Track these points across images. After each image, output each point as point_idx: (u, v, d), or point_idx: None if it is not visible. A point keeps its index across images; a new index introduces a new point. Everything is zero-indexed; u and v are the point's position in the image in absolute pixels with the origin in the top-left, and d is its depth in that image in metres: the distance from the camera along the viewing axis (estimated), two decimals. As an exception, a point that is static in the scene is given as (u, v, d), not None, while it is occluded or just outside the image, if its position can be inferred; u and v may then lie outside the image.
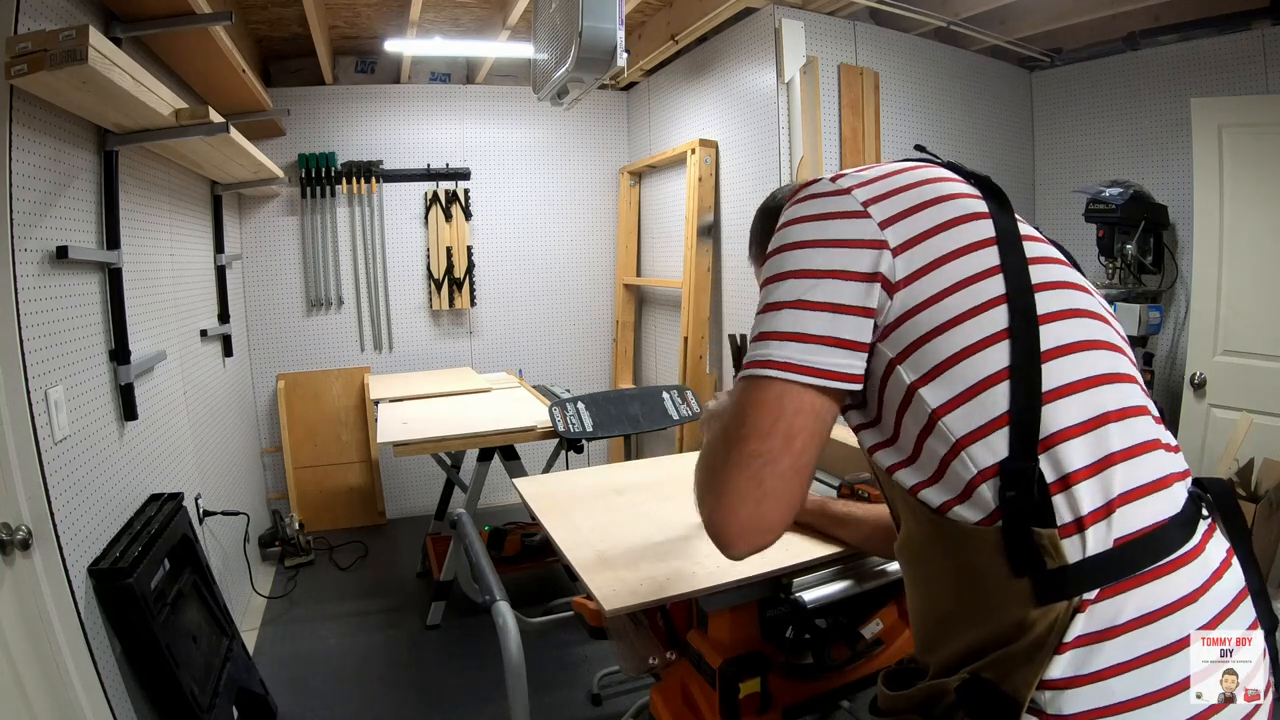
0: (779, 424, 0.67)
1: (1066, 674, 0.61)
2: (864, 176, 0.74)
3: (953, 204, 0.71)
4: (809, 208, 0.72)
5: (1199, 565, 0.64)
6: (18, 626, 1.32)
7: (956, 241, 0.69)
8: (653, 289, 3.98)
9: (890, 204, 0.70)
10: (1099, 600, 0.61)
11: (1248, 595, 0.68)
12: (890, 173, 0.74)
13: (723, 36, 3.07)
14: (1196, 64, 2.76)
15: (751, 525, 0.68)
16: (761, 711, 1.10)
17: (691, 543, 1.26)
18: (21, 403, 1.34)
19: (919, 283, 0.67)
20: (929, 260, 0.68)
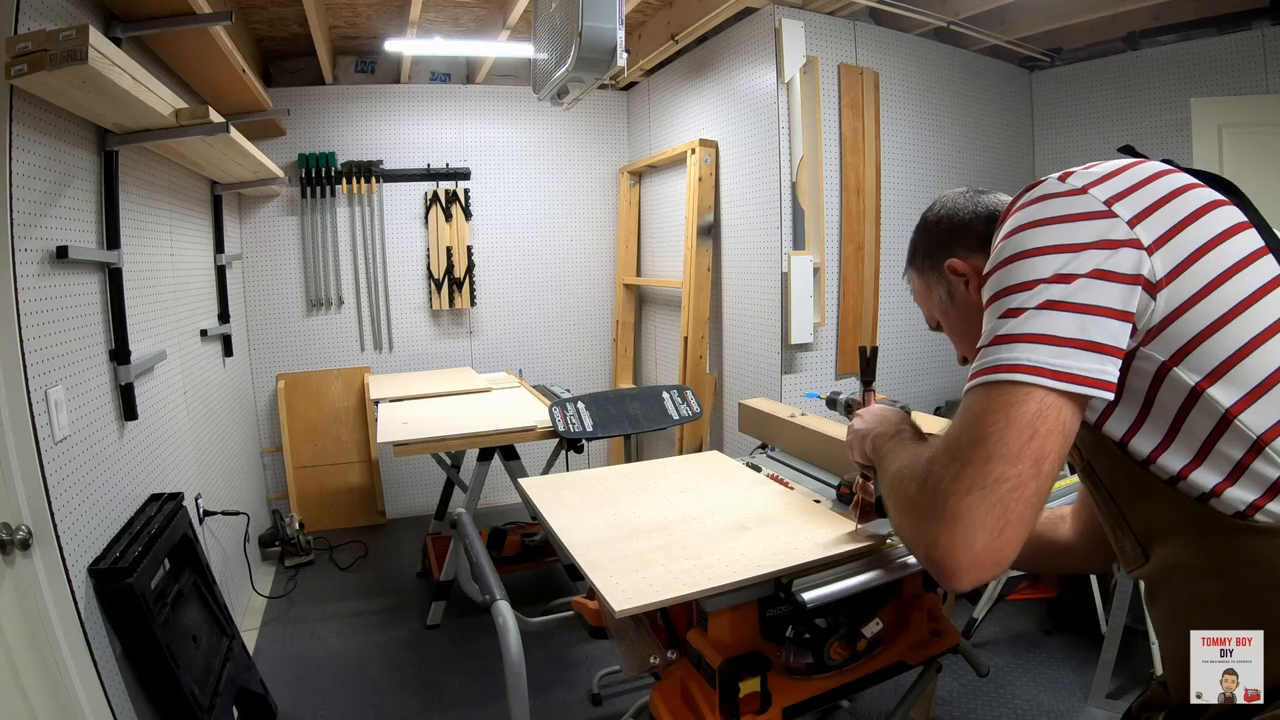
0: (1031, 445, 0.61)
1: None
2: (1095, 174, 0.69)
3: (1195, 193, 0.68)
4: (1046, 209, 0.67)
5: None
6: (18, 626, 1.32)
7: (1209, 231, 0.65)
8: (653, 289, 3.98)
9: (1133, 200, 0.66)
10: None
11: None
12: (1122, 169, 0.70)
13: (723, 36, 3.07)
14: (1196, 64, 2.76)
15: (986, 557, 0.62)
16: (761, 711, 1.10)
17: (695, 543, 1.26)
18: (21, 403, 1.34)
19: (1182, 278, 0.63)
20: (1188, 254, 0.64)
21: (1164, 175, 0.69)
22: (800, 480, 1.62)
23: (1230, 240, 0.65)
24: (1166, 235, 0.64)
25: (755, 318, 2.99)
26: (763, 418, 1.96)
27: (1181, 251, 0.64)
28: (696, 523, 1.36)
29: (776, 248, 2.79)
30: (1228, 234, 0.65)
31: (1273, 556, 0.62)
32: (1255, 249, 0.65)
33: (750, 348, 3.06)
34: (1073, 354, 0.62)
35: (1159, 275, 0.63)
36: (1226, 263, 0.64)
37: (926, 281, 0.97)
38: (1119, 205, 0.65)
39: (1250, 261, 0.64)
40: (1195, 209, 0.66)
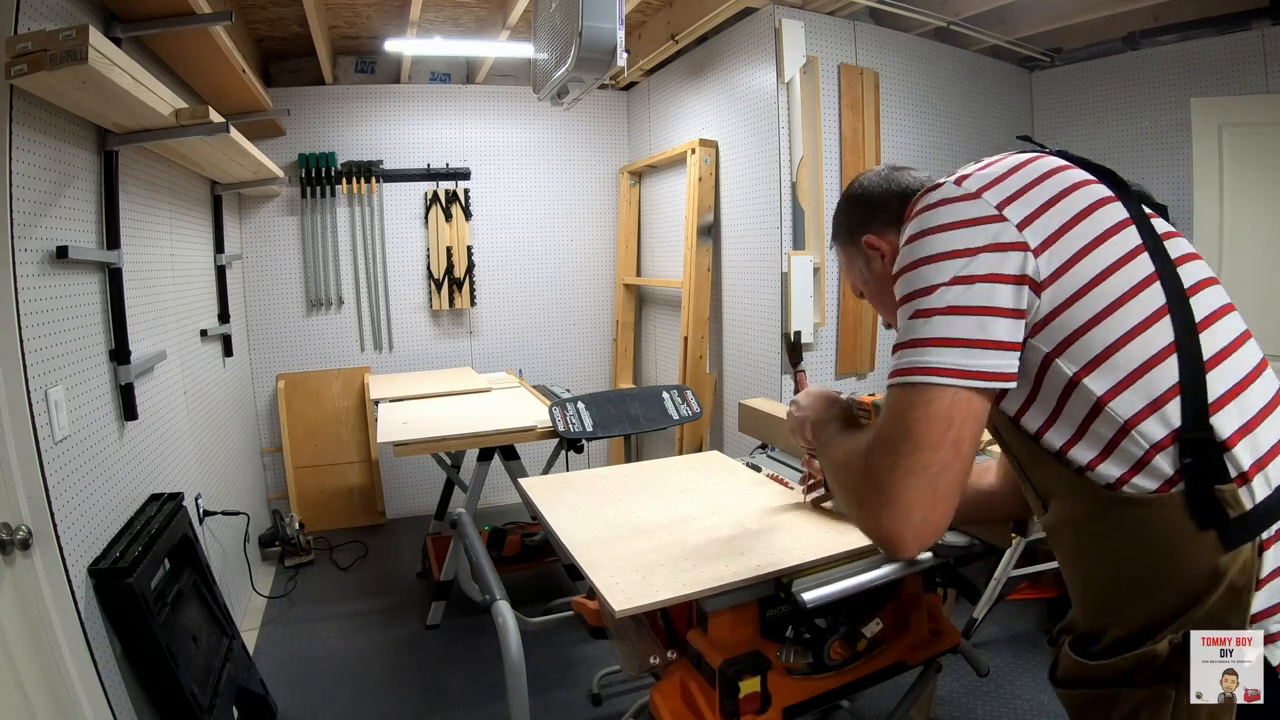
0: (949, 433, 0.70)
1: (1268, 604, 0.67)
2: (989, 176, 0.76)
3: (1082, 191, 0.73)
4: (943, 215, 0.74)
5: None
6: (18, 626, 1.32)
7: (1092, 231, 0.71)
8: (653, 289, 3.98)
9: (1022, 203, 0.72)
10: (1279, 537, 0.67)
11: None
12: (1013, 169, 0.76)
13: (723, 36, 3.07)
14: (1196, 64, 2.76)
15: (924, 528, 0.72)
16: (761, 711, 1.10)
17: (695, 543, 1.26)
18: (21, 403, 1.34)
19: (1064, 279, 0.70)
20: (1072, 253, 0.70)
21: (1055, 174, 0.75)
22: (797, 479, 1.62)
23: (1110, 240, 0.71)
24: (1051, 238, 0.71)
25: (755, 318, 2.99)
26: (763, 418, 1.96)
27: (1064, 253, 0.70)
28: (696, 523, 1.36)
29: (776, 248, 2.79)
30: (1108, 234, 0.71)
31: (1136, 522, 0.71)
32: (1132, 248, 0.71)
33: (750, 348, 3.06)
34: (976, 353, 0.70)
35: (1043, 275, 0.70)
36: (1104, 263, 0.70)
37: (848, 255, 1.07)
38: (1009, 209, 0.72)
39: (1126, 261, 0.71)
40: (1080, 210, 0.72)
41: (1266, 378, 0.73)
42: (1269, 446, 0.69)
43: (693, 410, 2.58)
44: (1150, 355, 0.69)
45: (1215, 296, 0.74)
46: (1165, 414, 0.68)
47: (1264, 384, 0.72)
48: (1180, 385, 0.68)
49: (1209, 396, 0.68)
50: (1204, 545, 0.67)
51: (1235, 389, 0.70)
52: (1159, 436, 0.69)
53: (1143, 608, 0.72)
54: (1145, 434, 0.69)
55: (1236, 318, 0.75)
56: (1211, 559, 0.67)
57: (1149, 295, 0.70)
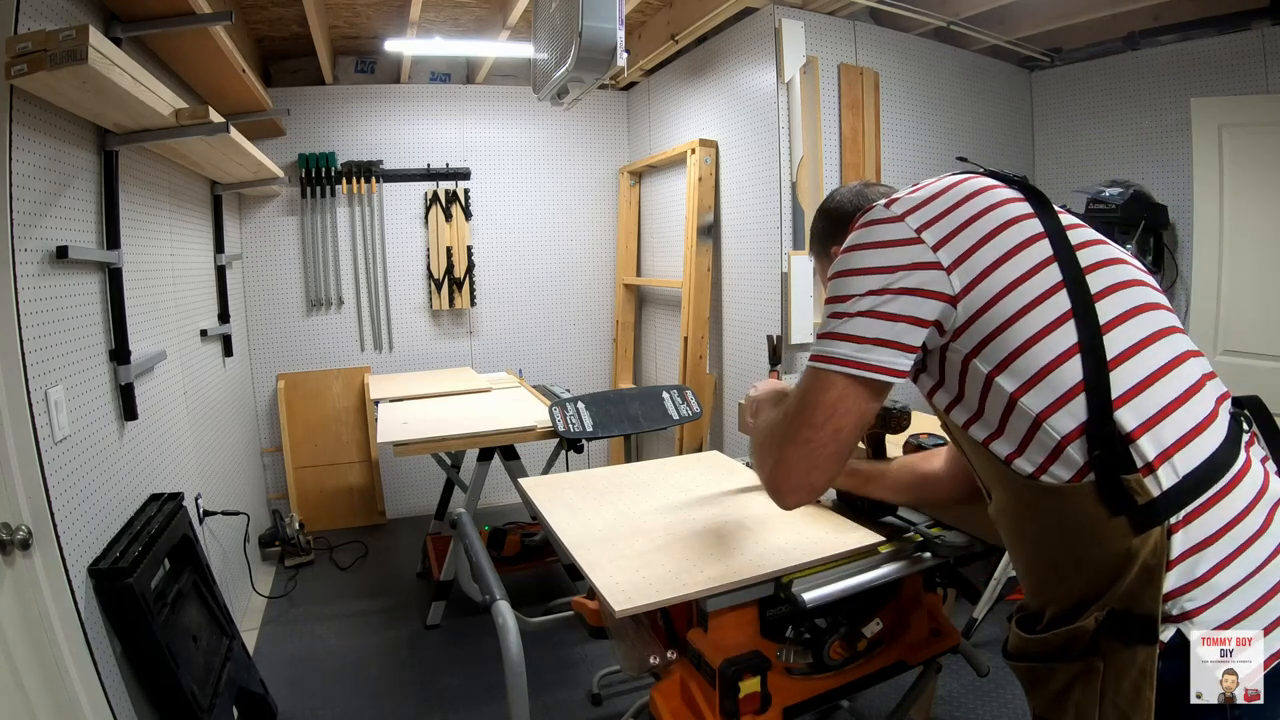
0: (831, 420, 0.83)
1: (1179, 583, 0.72)
2: (914, 201, 0.84)
3: (999, 211, 0.82)
4: (870, 235, 0.84)
5: (1253, 473, 0.76)
6: (18, 626, 1.32)
7: (1006, 245, 0.80)
8: (653, 289, 3.98)
9: (940, 226, 0.81)
10: (1189, 520, 0.72)
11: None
12: (939, 192, 0.84)
13: (723, 36, 3.07)
14: (1196, 64, 2.76)
15: (801, 487, 0.87)
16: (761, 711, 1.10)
17: (695, 543, 1.26)
18: (21, 403, 1.34)
19: (977, 290, 0.79)
20: (983, 268, 0.79)
21: (976, 195, 0.83)
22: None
23: (1021, 253, 0.79)
24: (963, 256, 0.79)
25: (755, 318, 2.99)
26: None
27: (976, 268, 0.79)
28: (696, 523, 1.36)
29: (776, 248, 2.79)
30: (1020, 247, 0.79)
31: (1055, 510, 0.79)
32: (1042, 259, 0.79)
33: (750, 348, 3.06)
34: (874, 350, 0.80)
35: (957, 289, 0.79)
36: (1014, 274, 0.78)
37: (821, 263, 1.21)
38: (927, 232, 0.81)
39: (1035, 272, 0.78)
40: (994, 228, 0.80)
41: (1179, 373, 0.77)
42: (1175, 438, 0.74)
43: (693, 410, 2.58)
44: (1055, 355, 0.76)
45: (1127, 299, 0.79)
46: (1072, 409, 0.75)
47: (1175, 379, 0.77)
48: (1084, 383, 0.75)
49: (1113, 393, 0.74)
50: (1117, 530, 0.73)
51: (1140, 385, 0.75)
52: (1068, 429, 0.75)
53: (1071, 587, 0.78)
54: (1056, 427, 0.76)
55: (1155, 316, 0.80)
56: (1124, 542, 0.72)
57: (1055, 301, 0.77)
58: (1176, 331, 0.81)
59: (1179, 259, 2.81)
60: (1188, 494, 0.73)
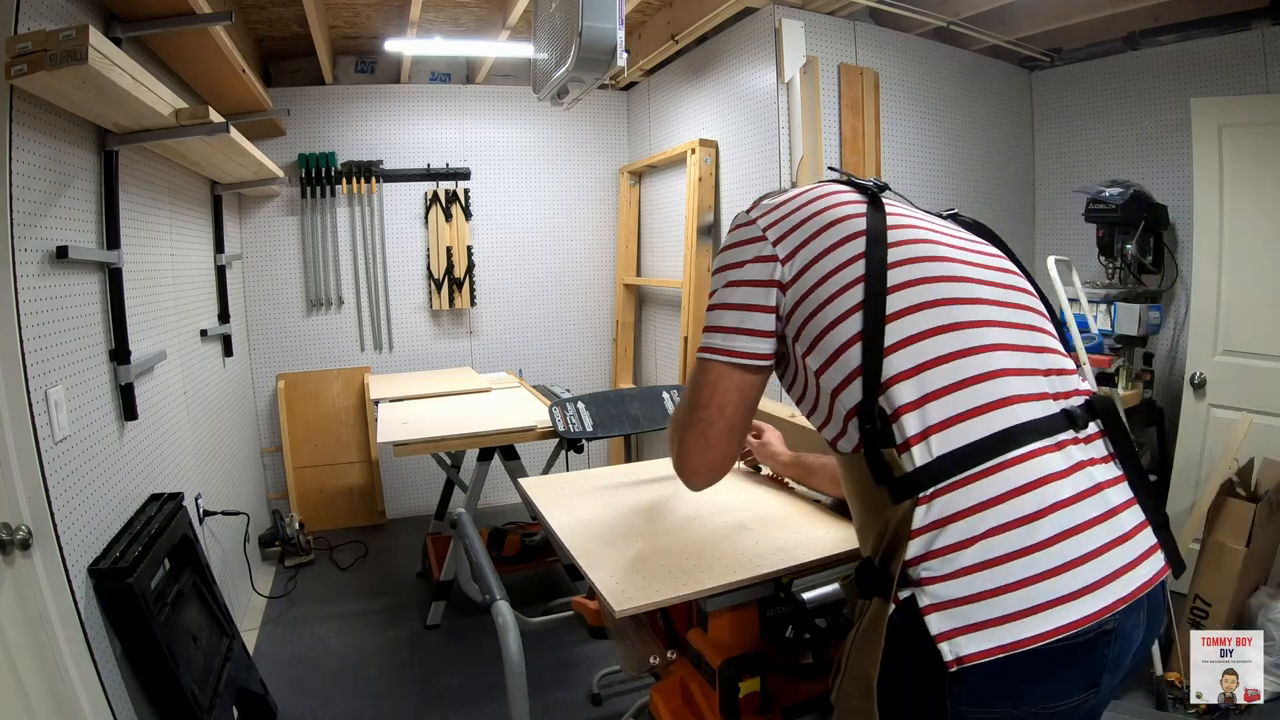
0: (714, 399, 0.95)
1: (918, 552, 0.78)
2: (768, 205, 0.97)
3: (830, 212, 0.93)
4: (731, 238, 0.98)
5: (1029, 465, 0.79)
6: (18, 626, 1.32)
7: (827, 242, 0.90)
8: (653, 289, 3.98)
9: (781, 225, 0.94)
10: (935, 497, 0.78)
11: (1118, 483, 0.84)
12: (789, 199, 0.97)
13: (723, 36, 3.07)
14: (1196, 64, 2.76)
15: (702, 466, 1.00)
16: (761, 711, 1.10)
17: (695, 543, 1.26)
18: (21, 403, 1.34)
19: (800, 280, 0.90)
20: (807, 261, 0.90)
21: (818, 199, 0.95)
22: (800, 480, 1.62)
23: (836, 250, 0.89)
24: (796, 249, 0.91)
25: (755, 318, 2.99)
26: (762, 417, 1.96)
27: (802, 261, 0.90)
28: (696, 522, 1.36)
29: (776, 248, 2.78)
30: (839, 244, 0.89)
31: (849, 475, 0.92)
32: (850, 256, 0.88)
33: (750, 348, 3.05)
34: (735, 338, 0.94)
35: (787, 279, 0.91)
36: (827, 269, 0.89)
37: None
38: (770, 230, 0.94)
39: (843, 268, 0.88)
40: (821, 226, 0.91)
41: (965, 364, 0.82)
42: (938, 419, 0.80)
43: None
44: (842, 341, 0.86)
45: (925, 294, 0.86)
46: (852, 389, 0.85)
47: (957, 368, 0.82)
48: (861, 366, 0.84)
49: (882, 376, 0.83)
50: (882, 498, 0.82)
51: (911, 370, 0.82)
52: (849, 406, 0.86)
53: (867, 545, 0.88)
54: (843, 403, 0.86)
55: (954, 310, 0.85)
56: (886, 510, 0.81)
57: (851, 294, 0.86)
58: (986, 325, 0.85)
59: (1179, 259, 2.81)
60: (940, 473, 0.78)
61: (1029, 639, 0.73)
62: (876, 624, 0.78)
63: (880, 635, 0.77)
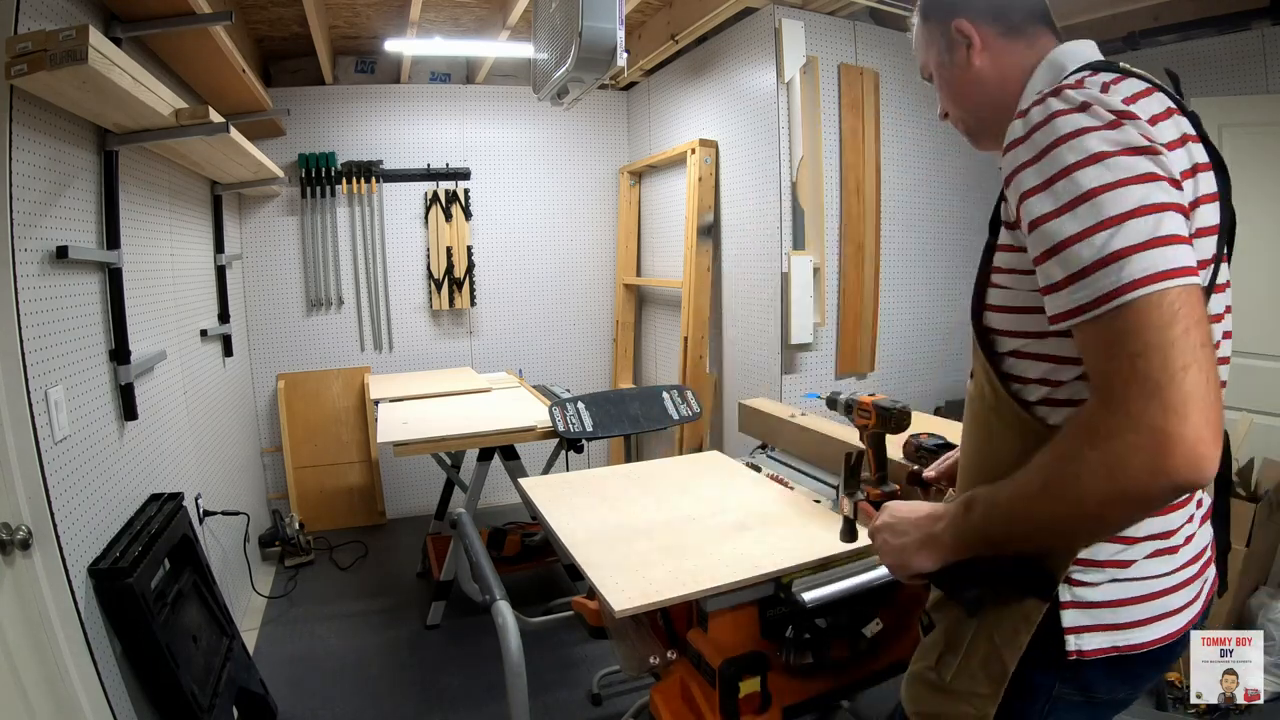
0: (1191, 336, 0.61)
1: (1085, 557, 0.77)
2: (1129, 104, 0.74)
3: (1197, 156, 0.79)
4: (1090, 118, 0.69)
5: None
6: (18, 626, 1.32)
7: (1204, 188, 0.78)
8: (653, 289, 3.98)
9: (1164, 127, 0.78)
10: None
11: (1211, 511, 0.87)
12: (1155, 115, 0.79)
13: (723, 36, 3.07)
14: (1196, 64, 2.76)
15: (1212, 431, 0.60)
16: (761, 711, 1.10)
17: (695, 543, 1.26)
18: (21, 403, 1.34)
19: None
20: (1195, 196, 0.75)
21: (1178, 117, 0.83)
22: (800, 480, 1.62)
23: (1208, 207, 0.79)
24: (1186, 174, 0.76)
25: (755, 318, 2.99)
26: (763, 418, 1.96)
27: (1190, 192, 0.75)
28: (696, 523, 1.36)
29: (776, 248, 2.79)
30: (1207, 200, 0.78)
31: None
32: (1213, 224, 0.79)
33: (750, 347, 3.06)
34: (1176, 250, 0.63)
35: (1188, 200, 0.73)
36: (1202, 222, 0.78)
37: (929, 32, 1.01)
38: (1154, 129, 0.73)
39: (1209, 233, 0.78)
40: (1196, 164, 0.79)
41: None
42: None
43: (693, 410, 2.58)
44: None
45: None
46: None
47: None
48: None
49: None
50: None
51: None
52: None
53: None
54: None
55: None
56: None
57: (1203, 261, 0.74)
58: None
59: (1179, 259, 2.81)
60: None
61: (1147, 643, 0.78)
62: (1028, 620, 0.78)
63: (1030, 631, 0.78)
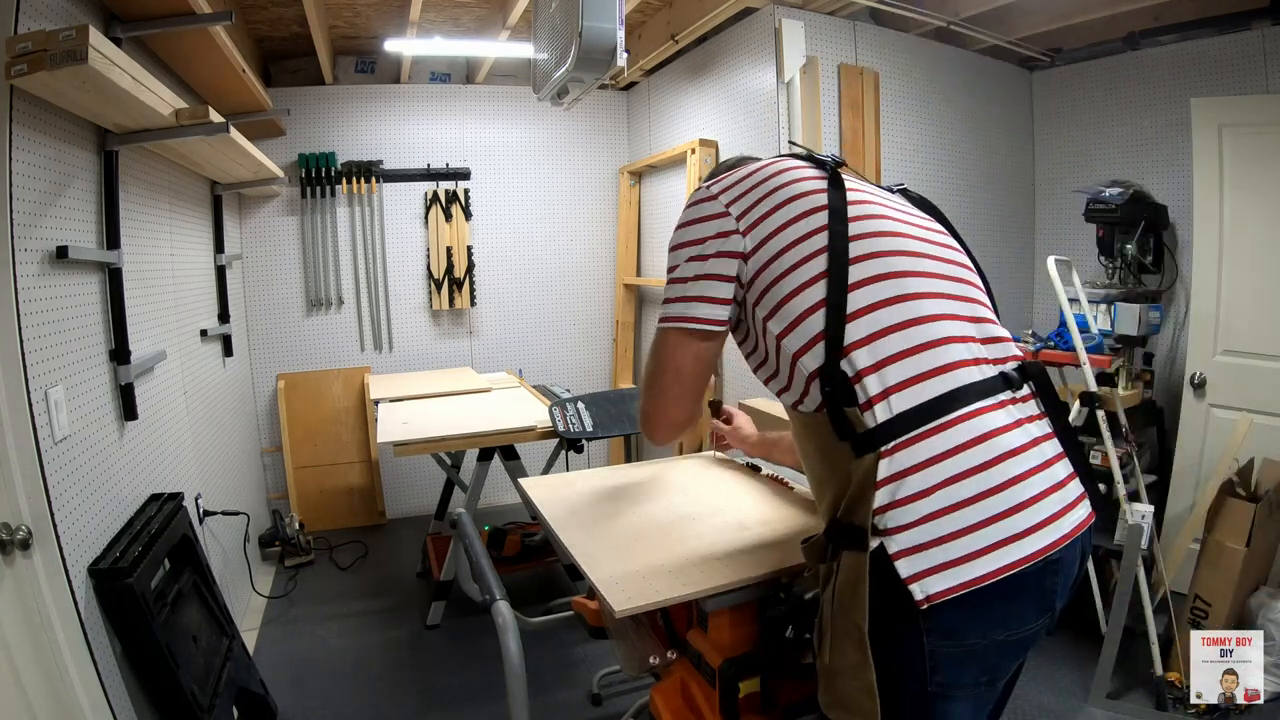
0: (670, 363, 1.04)
1: (884, 502, 0.85)
2: (729, 181, 1.04)
3: (791, 187, 0.99)
4: (693, 214, 1.04)
5: (976, 422, 0.87)
6: (18, 626, 1.32)
7: (790, 214, 0.97)
8: (653, 289, 3.98)
9: (744, 200, 1.00)
10: (895, 450, 0.85)
11: (1050, 438, 0.92)
12: (750, 173, 1.03)
13: (723, 36, 3.07)
14: (1196, 64, 2.76)
15: (662, 423, 1.09)
16: (761, 711, 1.10)
17: (695, 543, 1.26)
18: (21, 403, 1.34)
19: (762, 249, 0.97)
20: (769, 232, 0.97)
21: (778, 174, 1.02)
22: (800, 480, 1.62)
23: (800, 221, 0.96)
24: (755, 222, 0.98)
25: (755, 318, 2.99)
26: (763, 418, 1.96)
27: (763, 232, 0.97)
28: (696, 523, 1.36)
29: (776, 248, 2.78)
30: (800, 217, 0.96)
31: (811, 434, 0.97)
32: (815, 227, 0.95)
33: (750, 348, 3.05)
34: (695, 305, 1.00)
35: (749, 248, 0.98)
36: (790, 239, 0.96)
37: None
38: (733, 206, 1.00)
39: (807, 238, 0.95)
40: (783, 200, 0.98)
41: (917, 331, 0.90)
42: (896, 381, 0.87)
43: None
44: (806, 308, 0.92)
45: (882, 266, 0.93)
46: (815, 352, 0.91)
47: (910, 335, 0.89)
48: (824, 332, 0.90)
49: (844, 341, 0.90)
50: (843, 453, 0.90)
51: (872, 336, 0.89)
52: (811, 369, 0.92)
53: (826, 501, 0.95)
54: (805, 366, 0.93)
55: (905, 282, 0.92)
56: (848, 463, 0.89)
57: (815, 264, 0.93)
58: (934, 296, 0.93)
59: (1179, 259, 2.81)
60: (899, 428, 0.85)
61: (989, 574, 0.82)
62: (859, 576, 0.84)
63: (864, 587, 0.84)
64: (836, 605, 0.88)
